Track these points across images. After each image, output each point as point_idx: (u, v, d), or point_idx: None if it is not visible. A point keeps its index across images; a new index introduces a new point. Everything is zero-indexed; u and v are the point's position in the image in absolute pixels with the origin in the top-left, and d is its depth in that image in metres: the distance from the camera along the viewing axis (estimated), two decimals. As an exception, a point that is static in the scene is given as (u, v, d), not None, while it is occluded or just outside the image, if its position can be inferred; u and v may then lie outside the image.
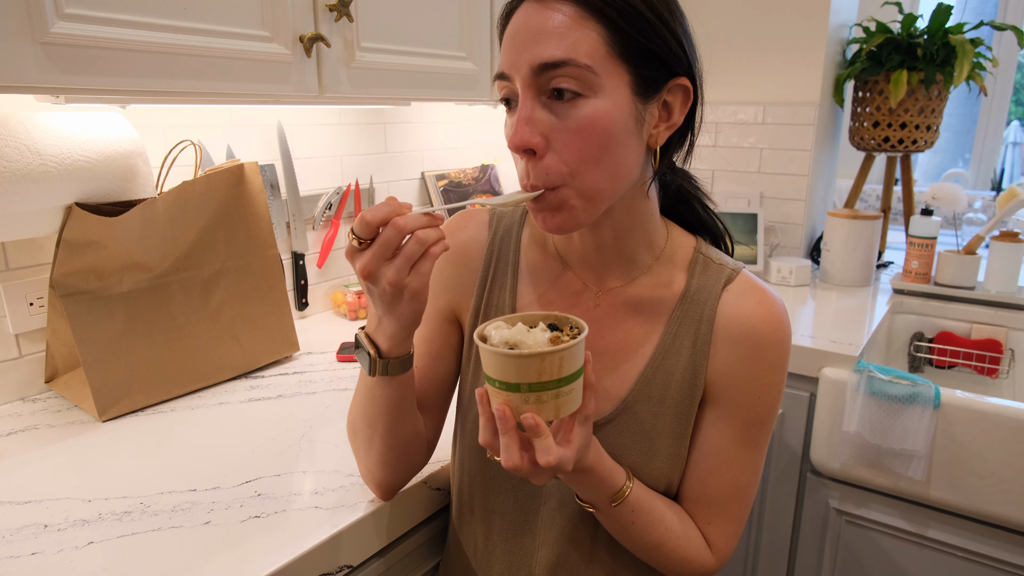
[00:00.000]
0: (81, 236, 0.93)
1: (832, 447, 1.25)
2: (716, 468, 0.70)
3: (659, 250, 0.72)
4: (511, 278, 0.74)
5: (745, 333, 0.68)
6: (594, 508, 0.66)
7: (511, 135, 0.60)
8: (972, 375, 1.59)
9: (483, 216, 0.78)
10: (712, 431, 0.70)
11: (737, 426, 0.69)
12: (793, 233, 1.86)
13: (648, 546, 0.68)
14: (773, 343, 0.68)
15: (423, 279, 0.58)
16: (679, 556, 0.69)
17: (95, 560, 0.67)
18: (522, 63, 0.59)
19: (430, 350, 0.77)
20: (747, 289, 0.70)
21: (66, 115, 0.94)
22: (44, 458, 0.87)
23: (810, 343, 1.30)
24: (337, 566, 0.72)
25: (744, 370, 0.68)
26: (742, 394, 0.68)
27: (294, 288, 1.40)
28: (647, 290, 0.71)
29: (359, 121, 1.49)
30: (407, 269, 0.57)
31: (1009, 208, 1.51)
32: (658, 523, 0.68)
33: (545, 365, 0.54)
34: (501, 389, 0.56)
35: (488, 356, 0.56)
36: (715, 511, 0.71)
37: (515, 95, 0.61)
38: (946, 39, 1.62)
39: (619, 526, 0.67)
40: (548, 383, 0.55)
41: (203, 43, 0.83)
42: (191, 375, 1.06)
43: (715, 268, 0.71)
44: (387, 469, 0.73)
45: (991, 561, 1.17)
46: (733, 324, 0.68)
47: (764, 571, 1.42)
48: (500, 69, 0.62)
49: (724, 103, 1.88)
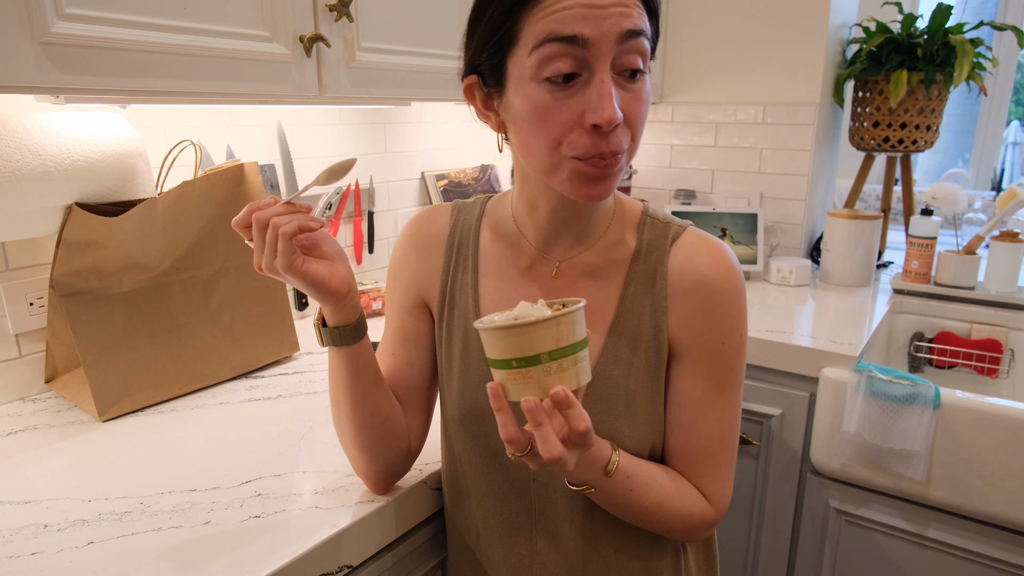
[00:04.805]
0: (81, 236, 0.93)
1: (832, 447, 1.25)
2: (696, 421, 0.71)
3: (611, 214, 0.74)
4: (472, 261, 0.77)
5: (698, 283, 0.70)
6: (590, 487, 0.65)
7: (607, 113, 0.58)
8: (972, 375, 1.59)
9: (446, 208, 0.81)
10: (685, 385, 0.71)
11: (708, 376, 0.70)
12: (793, 233, 1.86)
13: (650, 509, 0.68)
14: (726, 289, 0.69)
15: (287, 259, 0.62)
16: (681, 512, 0.70)
17: (95, 560, 0.67)
18: (609, 28, 0.57)
19: (402, 336, 0.79)
20: (695, 242, 0.72)
21: (66, 115, 0.94)
22: (44, 458, 0.87)
23: (810, 343, 1.30)
24: (337, 566, 0.72)
25: (703, 320, 0.69)
26: (706, 343, 0.70)
27: (294, 288, 1.40)
28: (602, 254, 0.73)
29: (359, 121, 1.49)
30: (272, 254, 0.63)
31: (1009, 208, 1.51)
32: (653, 483, 0.68)
33: (562, 329, 0.54)
34: (520, 367, 0.55)
35: (501, 336, 0.55)
36: (704, 463, 0.72)
37: (584, 67, 0.58)
38: (946, 39, 1.62)
39: (618, 497, 0.67)
40: (567, 348, 0.54)
41: (203, 43, 0.83)
42: (191, 375, 1.06)
43: (662, 226, 0.73)
44: (367, 455, 0.75)
45: (991, 561, 1.17)
46: (685, 276, 0.70)
47: (764, 571, 1.42)
48: (572, 32, 0.56)
49: (724, 103, 1.88)
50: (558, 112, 0.59)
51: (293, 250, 0.63)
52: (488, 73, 0.65)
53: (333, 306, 0.67)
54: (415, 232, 0.80)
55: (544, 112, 0.60)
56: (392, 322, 0.80)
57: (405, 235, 0.81)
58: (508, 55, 0.61)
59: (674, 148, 2.00)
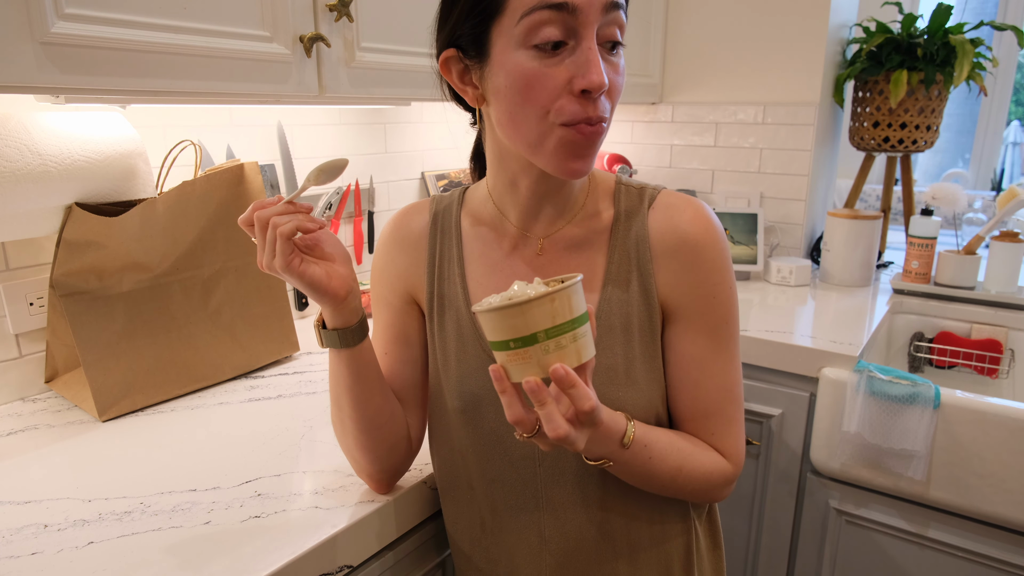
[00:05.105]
0: (81, 236, 0.93)
1: (832, 447, 1.25)
2: (700, 379, 0.71)
3: (587, 186, 0.75)
4: (456, 251, 0.77)
5: (680, 241, 0.70)
6: (608, 461, 0.65)
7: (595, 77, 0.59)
8: (972, 375, 1.59)
9: (424, 204, 0.82)
10: (683, 345, 0.71)
11: (705, 332, 0.71)
12: (793, 233, 1.86)
13: (672, 474, 0.68)
14: (708, 243, 0.70)
15: (285, 258, 0.63)
16: (701, 472, 0.70)
17: (95, 560, 0.67)
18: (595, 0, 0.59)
19: (395, 334, 0.79)
20: (671, 202, 0.73)
21: (66, 115, 0.94)
22: (44, 458, 0.87)
23: (810, 343, 1.30)
24: (337, 566, 0.72)
25: (691, 276, 0.70)
26: (697, 300, 0.70)
27: (294, 288, 1.40)
28: (583, 226, 0.74)
29: (359, 121, 1.49)
30: (271, 254, 0.63)
31: (1009, 208, 1.51)
32: (671, 448, 0.68)
33: (557, 306, 0.53)
34: (518, 347, 0.54)
35: (497, 318, 0.54)
36: (714, 420, 0.72)
37: (571, 35, 0.60)
38: (946, 39, 1.62)
39: (637, 467, 0.66)
40: (563, 325, 0.54)
41: (203, 43, 0.83)
42: (191, 375, 1.06)
43: (636, 191, 0.74)
44: (369, 455, 0.75)
45: (991, 561, 1.17)
46: (666, 237, 0.71)
47: (764, 571, 1.42)
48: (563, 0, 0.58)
49: (724, 103, 1.88)
50: (546, 79, 0.60)
51: (291, 250, 0.63)
52: (469, 44, 0.65)
53: (332, 308, 0.68)
54: (396, 231, 0.80)
55: (533, 79, 0.61)
56: (381, 321, 0.81)
57: (387, 235, 0.81)
58: (493, 24, 0.62)
59: (674, 148, 2.00)
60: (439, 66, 0.68)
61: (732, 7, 1.81)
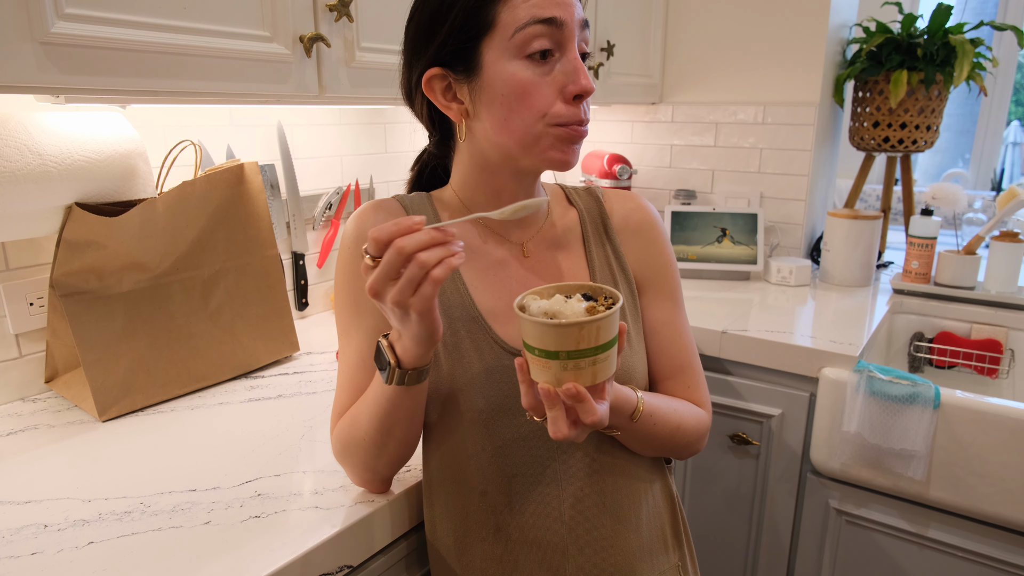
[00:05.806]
0: (81, 236, 0.93)
1: (832, 447, 1.25)
2: (673, 339, 0.82)
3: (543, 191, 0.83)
4: None
5: (639, 223, 0.84)
6: (616, 431, 0.72)
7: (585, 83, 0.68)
8: (972, 375, 1.59)
9: (391, 202, 0.81)
10: (656, 312, 0.82)
11: (667, 297, 0.83)
12: (793, 233, 1.86)
13: (671, 434, 0.75)
14: (656, 222, 0.85)
15: (426, 302, 0.58)
16: (692, 427, 0.78)
17: (95, 560, 0.67)
18: (573, 15, 0.68)
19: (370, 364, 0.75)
20: (617, 194, 0.86)
21: (66, 115, 0.94)
22: (44, 458, 0.87)
23: (810, 343, 1.30)
24: (337, 566, 0.72)
25: (651, 250, 0.83)
26: (659, 270, 0.83)
27: (294, 288, 1.40)
28: (556, 225, 0.82)
29: (359, 121, 1.49)
30: (410, 291, 0.58)
31: (1009, 208, 1.51)
32: (670, 411, 0.76)
33: (583, 334, 0.57)
34: (540, 356, 0.59)
35: (528, 326, 0.59)
36: (688, 374, 0.82)
37: (558, 46, 0.68)
38: (946, 39, 1.62)
39: (643, 434, 0.73)
40: (585, 351, 0.58)
41: (203, 43, 0.83)
42: (191, 375, 1.06)
43: (584, 191, 0.86)
44: (395, 466, 0.77)
45: (991, 561, 1.17)
46: (629, 219, 0.84)
47: (764, 571, 1.42)
48: (551, 15, 0.66)
49: (724, 103, 1.88)
50: (542, 85, 0.68)
51: (435, 294, 0.59)
52: (456, 61, 0.69)
53: (427, 350, 0.64)
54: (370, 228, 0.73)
55: (530, 86, 0.68)
56: (351, 346, 0.76)
57: (356, 235, 0.76)
58: (483, 40, 0.68)
59: (674, 148, 2.00)
60: (423, 85, 0.71)
61: (732, 7, 1.81)
